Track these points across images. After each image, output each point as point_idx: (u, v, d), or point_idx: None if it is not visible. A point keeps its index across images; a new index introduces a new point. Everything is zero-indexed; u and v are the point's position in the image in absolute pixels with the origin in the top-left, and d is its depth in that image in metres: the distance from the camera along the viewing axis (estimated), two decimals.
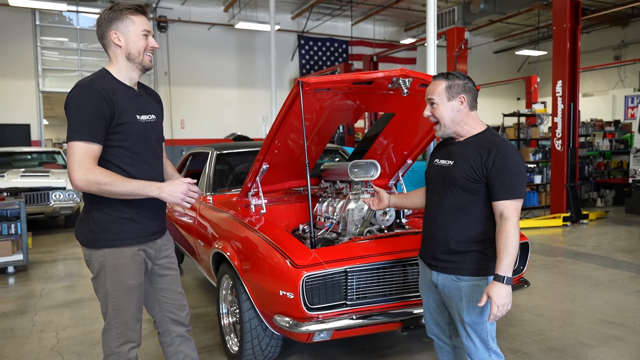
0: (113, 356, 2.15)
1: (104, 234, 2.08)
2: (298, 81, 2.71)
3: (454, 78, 2.12)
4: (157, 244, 2.26)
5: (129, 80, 2.14)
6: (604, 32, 19.30)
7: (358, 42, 19.11)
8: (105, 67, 2.13)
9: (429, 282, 2.28)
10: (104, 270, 2.10)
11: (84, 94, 1.96)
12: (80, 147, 1.93)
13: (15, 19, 15.36)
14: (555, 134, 8.60)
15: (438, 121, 2.15)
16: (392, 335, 3.62)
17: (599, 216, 8.94)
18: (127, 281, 2.12)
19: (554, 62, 8.60)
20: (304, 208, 3.76)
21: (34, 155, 9.85)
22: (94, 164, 1.94)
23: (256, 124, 17.54)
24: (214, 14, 17.51)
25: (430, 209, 2.27)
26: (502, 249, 1.97)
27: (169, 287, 2.34)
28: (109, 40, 2.08)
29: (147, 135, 2.15)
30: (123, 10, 2.06)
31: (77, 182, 1.91)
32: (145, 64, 2.12)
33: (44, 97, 16.62)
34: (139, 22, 2.09)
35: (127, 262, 2.11)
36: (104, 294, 2.13)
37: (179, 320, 2.37)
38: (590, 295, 4.58)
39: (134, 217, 2.11)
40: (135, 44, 2.08)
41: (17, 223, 5.58)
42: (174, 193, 2.04)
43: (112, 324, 2.13)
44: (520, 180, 2.03)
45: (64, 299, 4.67)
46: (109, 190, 1.94)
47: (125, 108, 2.05)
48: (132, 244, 2.12)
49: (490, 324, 2.13)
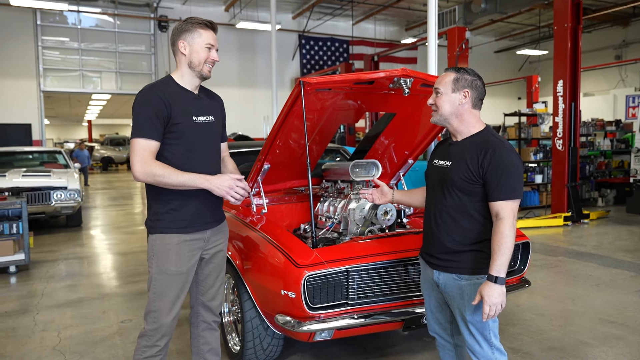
0: (145, 337, 2.32)
1: (157, 222, 2.32)
2: (300, 81, 2.72)
3: (464, 72, 2.16)
4: (206, 233, 2.41)
5: (190, 85, 2.35)
6: (605, 32, 19.29)
7: (359, 42, 19.11)
8: (171, 73, 2.36)
9: (430, 281, 2.29)
10: (153, 254, 2.32)
11: (145, 96, 2.22)
12: (140, 143, 2.18)
13: (17, 19, 15.38)
14: (556, 134, 8.60)
15: (437, 109, 2.18)
16: (393, 335, 3.63)
17: (600, 216, 8.93)
18: (169, 267, 2.30)
19: (555, 62, 8.59)
20: (305, 208, 3.76)
21: (35, 155, 9.86)
22: (151, 158, 2.19)
23: (257, 124, 17.54)
24: (215, 13, 17.52)
25: (429, 209, 2.28)
26: (495, 249, 1.99)
27: (209, 274, 2.51)
28: (177, 48, 2.32)
29: (202, 135, 2.35)
30: (195, 24, 2.30)
31: (137, 174, 2.18)
32: (204, 73, 2.34)
33: (45, 96, 16.66)
34: (206, 35, 2.31)
35: (171, 249, 2.30)
36: (150, 277, 2.34)
37: (209, 307, 2.53)
38: (591, 294, 4.58)
39: (183, 208, 2.31)
40: (198, 55, 2.30)
41: (19, 223, 5.59)
42: (220, 186, 2.22)
43: (151, 307, 2.32)
44: (517, 180, 2.03)
45: (66, 299, 4.68)
46: (163, 182, 2.17)
47: (181, 110, 2.27)
48: (178, 232, 2.31)
49: (492, 321, 2.14)
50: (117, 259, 6.28)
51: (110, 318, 4.14)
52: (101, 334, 3.80)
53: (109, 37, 16.92)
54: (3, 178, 7.49)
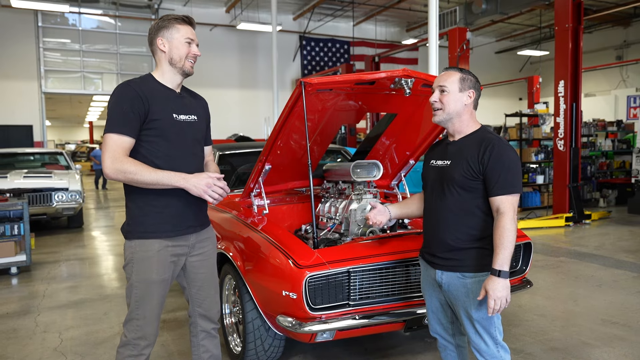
0: (129, 346, 2.22)
1: (135, 226, 2.20)
2: (301, 82, 2.72)
3: (467, 73, 2.19)
4: (189, 239, 2.31)
5: (171, 83, 2.28)
6: (606, 32, 19.28)
7: (360, 43, 19.12)
8: (151, 72, 2.30)
9: (432, 281, 2.29)
10: (132, 261, 2.20)
11: (120, 91, 2.14)
12: (113, 138, 2.09)
13: (18, 21, 15.40)
14: (557, 134, 8.59)
15: (442, 108, 2.17)
16: (394, 336, 3.62)
17: (602, 216, 8.92)
18: (151, 275, 2.19)
19: (556, 62, 8.59)
20: (306, 208, 3.76)
21: (36, 156, 9.88)
22: (123, 155, 2.08)
23: (258, 125, 17.56)
24: (216, 14, 17.54)
25: (430, 209, 2.28)
26: (498, 243, 2.01)
27: (202, 285, 2.41)
28: (155, 46, 2.25)
29: (183, 134, 2.26)
30: (171, 20, 2.25)
31: (107, 170, 2.07)
32: (186, 69, 2.26)
33: (46, 98, 16.67)
34: (184, 30, 2.25)
35: (152, 256, 2.19)
36: (129, 285, 2.23)
37: (207, 316, 2.45)
38: (593, 295, 4.58)
39: (164, 211, 2.21)
40: (178, 50, 2.23)
41: (20, 224, 5.59)
42: (197, 184, 2.12)
43: (133, 315, 2.21)
44: (516, 175, 2.07)
45: (67, 300, 4.68)
46: (135, 179, 2.06)
47: (161, 106, 2.19)
48: (160, 237, 2.20)
49: (497, 318, 2.15)
50: (118, 260, 6.28)
51: (112, 319, 4.14)
52: (102, 335, 3.80)
53: (110, 38, 16.95)
54: (4, 179, 7.50)
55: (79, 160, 27.68)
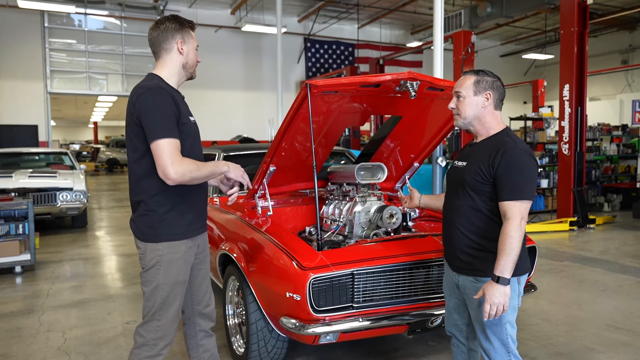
0: (147, 347, 2.20)
1: (163, 229, 2.17)
2: (306, 83, 2.72)
3: (484, 74, 2.16)
4: (199, 238, 2.35)
5: (176, 86, 2.29)
6: (612, 36, 19.23)
7: (364, 45, 19.12)
8: (152, 72, 2.25)
9: (451, 282, 2.30)
10: (159, 264, 2.17)
11: (157, 95, 2.08)
12: (168, 142, 2.03)
13: (24, 21, 15.50)
14: (562, 138, 8.56)
15: (459, 114, 2.17)
16: (398, 339, 3.61)
17: (606, 221, 8.88)
18: (178, 276, 2.22)
19: (561, 66, 8.56)
20: (310, 210, 3.76)
21: (41, 156, 9.91)
22: (181, 156, 2.06)
23: (262, 127, 17.58)
24: (221, 16, 17.59)
25: (447, 210, 2.29)
26: (500, 249, 1.98)
27: (202, 280, 2.45)
28: (172, 46, 2.21)
29: (197, 135, 2.33)
30: (185, 24, 2.24)
31: (173, 175, 2.01)
32: (194, 74, 2.33)
33: (51, 98, 16.75)
34: (194, 37, 2.30)
35: (180, 257, 2.21)
36: (153, 287, 2.19)
37: (206, 314, 2.48)
38: (597, 300, 4.55)
39: (188, 211, 2.23)
40: (193, 56, 2.27)
41: (25, 223, 5.62)
42: (237, 167, 2.25)
43: (156, 317, 2.20)
44: (527, 181, 2.02)
45: (71, 299, 4.69)
46: (196, 176, 2.07)
47: (183, 110, 2.20)
48: (187, 237, 2.23)
49: (511, 326, 2.12)
50: (122, 260, 6.29)
51: (115, 319, 4.14)
52: (106, 334, 3.81)
53: (116, 39, 17.02)
54: (9, 179, 7.53)
55: (84, 160, 27.82)
